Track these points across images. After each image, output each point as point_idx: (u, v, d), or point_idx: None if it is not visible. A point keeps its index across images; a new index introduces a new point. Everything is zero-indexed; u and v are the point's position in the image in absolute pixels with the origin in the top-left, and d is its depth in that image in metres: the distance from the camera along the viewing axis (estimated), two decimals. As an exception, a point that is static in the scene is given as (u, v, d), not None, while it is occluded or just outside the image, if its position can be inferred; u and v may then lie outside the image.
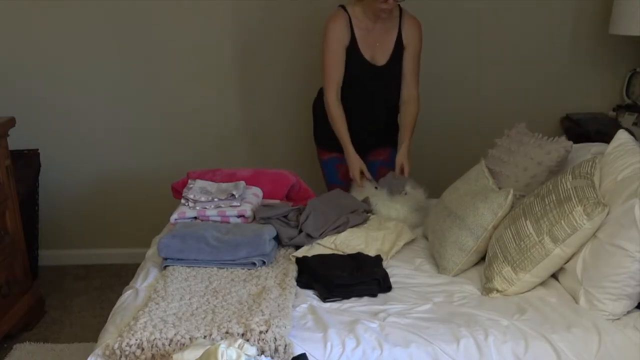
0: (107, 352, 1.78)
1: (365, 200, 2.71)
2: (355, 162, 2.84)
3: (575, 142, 2.47)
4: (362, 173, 2.85)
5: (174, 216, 2.56)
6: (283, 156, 3.52)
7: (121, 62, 3.43)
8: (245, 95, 3.51)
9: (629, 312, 1.97)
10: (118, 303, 2.08)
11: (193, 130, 3.56)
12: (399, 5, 2.76)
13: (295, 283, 2.14)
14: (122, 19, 3.36)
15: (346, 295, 2.09)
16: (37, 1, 3.32)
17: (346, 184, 2.93)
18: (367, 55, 2.81)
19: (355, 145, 2.87)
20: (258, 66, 3.45)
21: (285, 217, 2.52)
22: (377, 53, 2.82)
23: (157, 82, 3.47)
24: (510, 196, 2.26)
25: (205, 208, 2.55)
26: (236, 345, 1.61)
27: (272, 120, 3.53)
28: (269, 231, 2.34)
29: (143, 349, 1.76)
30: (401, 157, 2.86)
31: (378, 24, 2.79)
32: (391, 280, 2.19)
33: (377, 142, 3.00)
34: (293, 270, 2.21)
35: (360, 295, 2.10)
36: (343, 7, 2.80)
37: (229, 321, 1.84)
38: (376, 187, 2.76)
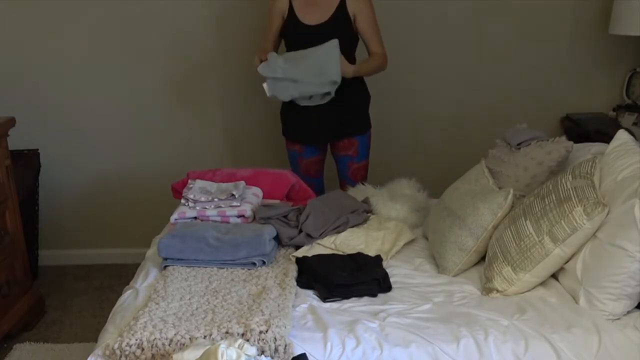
0: (107, 352, 1.78)
1: (365, 200, 2.71)
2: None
3: (575, 142, 2.47)
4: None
5: (174, 216, 2.56)
6: (286, 155, 3.52)
7: (121, 62, 3.43)
8: (246, 95, 3.51)
9: (629, 312, 1.97)
10: (118, 303, 2.08)
11: (193, 130, 3.56)
12: None
13: (295, 283, 2.14)
14: (122, 19, 3.36)
15: (346, 295, 2.09)
16: (37, 2, 3.32)
17: (306, 176, 3.03)
18: (303, 19, 2.84)
19: (315, 133, 2.93)
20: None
21: (285, 217, 2.51)
22: (315, 15, 2.83)
23: (157, 82, 3.47)
24: (510, 196, 2.25)
25: (205, 208, 2.55)
26: (236, 345, 1.61)
27: (274, 119, 3.53)
28: (269, 231, 2.34)
29: (143, 349, 1.76)
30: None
31: None
32: (391, 280, 2.19)
33: (338, 130, 2.96)
34: (293, 270, 2.21)
35: (360, 295, 2.10)
36: None
37: (229, 321, 1.84)
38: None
